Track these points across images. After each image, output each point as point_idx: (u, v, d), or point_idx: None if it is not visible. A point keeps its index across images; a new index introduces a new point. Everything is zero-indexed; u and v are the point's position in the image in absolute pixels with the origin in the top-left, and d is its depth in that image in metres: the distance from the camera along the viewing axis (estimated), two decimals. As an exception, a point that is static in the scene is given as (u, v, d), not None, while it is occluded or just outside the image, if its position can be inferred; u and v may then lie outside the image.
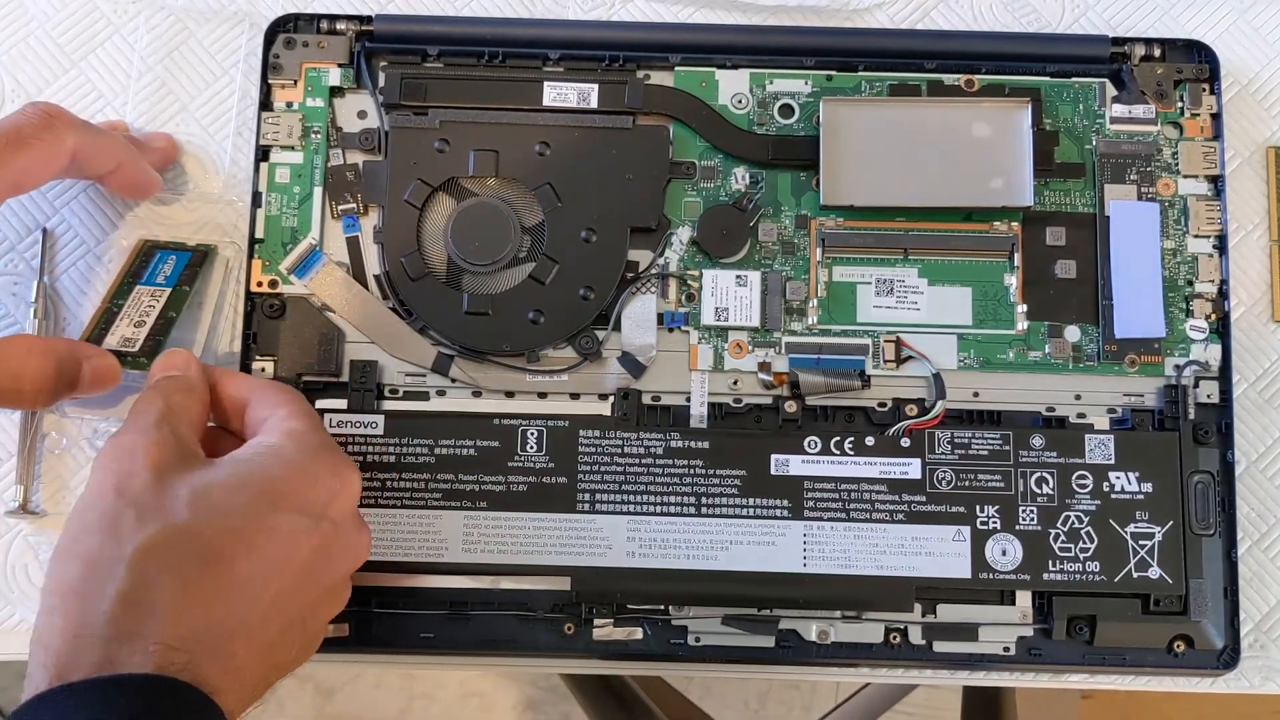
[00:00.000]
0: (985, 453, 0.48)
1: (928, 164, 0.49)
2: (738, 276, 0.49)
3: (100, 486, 0.38)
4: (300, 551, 0.39)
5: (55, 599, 0.36)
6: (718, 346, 0.50)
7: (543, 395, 0.49)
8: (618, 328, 0.50)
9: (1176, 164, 0.51)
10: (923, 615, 0.48)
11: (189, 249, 0.49)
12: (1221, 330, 0.50)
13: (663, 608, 0.48)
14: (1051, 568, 0.47)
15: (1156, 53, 0.52)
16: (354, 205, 0.50)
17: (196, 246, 0.50)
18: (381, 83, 0.51)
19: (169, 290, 0.48)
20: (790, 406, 0.49)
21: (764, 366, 0.49)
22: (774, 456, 0.48)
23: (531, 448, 0.48)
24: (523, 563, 0.47)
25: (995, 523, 0.47)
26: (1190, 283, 0.50)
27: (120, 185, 0.49)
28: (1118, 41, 0.51)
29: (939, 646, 0.48)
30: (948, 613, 0.48)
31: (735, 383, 0.49)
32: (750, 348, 0.49)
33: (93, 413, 0.49)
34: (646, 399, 0.49)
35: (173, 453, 0.39)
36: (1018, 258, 0.50)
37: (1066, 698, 0.73)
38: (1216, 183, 0.51)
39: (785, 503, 0.47)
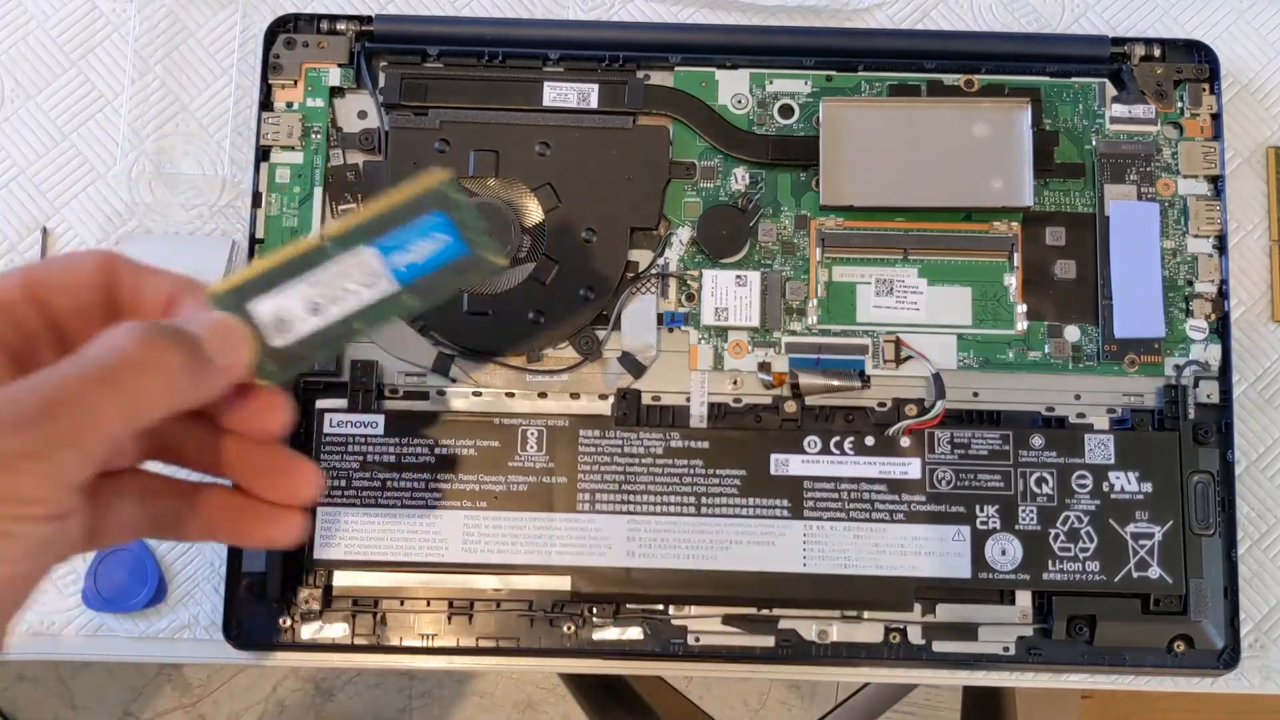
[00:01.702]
0: (985, 453, 0.48)
1: (928, 164, 0.49)
2: (738, 276, 0.49)
3: None
4: None
5: None
6: (718, 346, 0.50)
7: (543, 395, 0.49)
8: (618, 328, 0.50)
9: (1176, 164, 0.51)
10: (922, 615, 0.48)
11: (473, 241, 0.32)
12: (1221, 330, 0.50)
13: (663, 608, 0.48)
14: (1051, 568, 0.47)
15: (1156, 53, 0.52)
16: (354, 205, 0.50)
17: (487, 245, 0.32)
18: (381, 83, 0.51)
19: (395, 289, 0.32)
20: (790, 406, 0.49)
21: (764, 366, 0.49)
22: (774, 456, 0.48)
23: (531, 448, 0.48)
24: (523, 563, 0.47)
25: (995, 523, 0.47)
26: (1190, 283, 0.50)
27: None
28: (1118, 41, 0.51)
29: (939, 646, 0.48)
30: (947, 613, 0.48)
31: (735, 383, 0.49)
32: (750, 348, 0.49)
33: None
34: (646, 399, 0.49)
35: None
36: (1017, 258, 0.50)
37: (1066, 698, 0.73)
38: (1216, 183, 0.51)
39: (785, 503, 0.47)
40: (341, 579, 0.48)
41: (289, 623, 0.48)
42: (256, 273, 0.31)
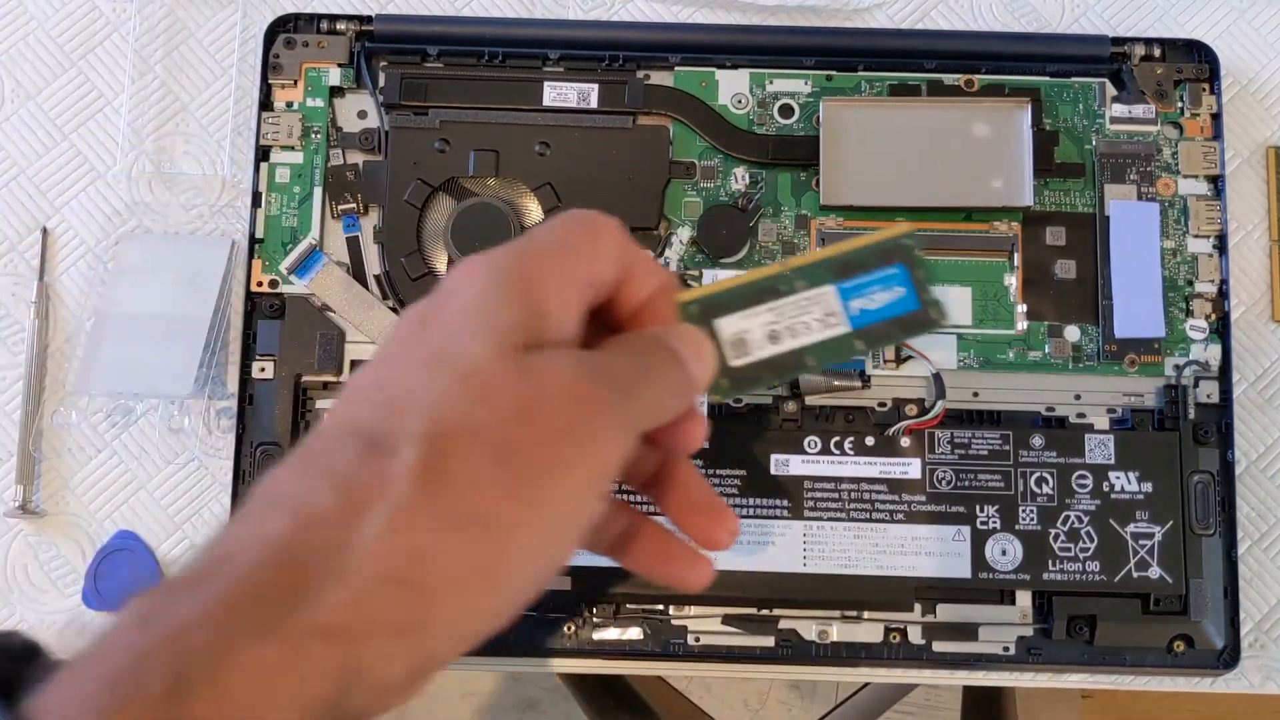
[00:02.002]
0: (985, 453, 0.48)
1: (928, 164, 0.49)
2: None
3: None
4: None
5: None
6: (718, 346, 0.49)
7: (543, 395, 0.49)
8: (618, 328, 0.50)
9: (1176, 164, 0.51)
10: (923, 615, 0.48)
11: (926, 300, 0.32)
12: (1221, 330, 0.50)
13: (662, 608, 0.48)
14: (1051, 567, 0.47)
15: (1156, 53, 0.52)
16: (354, 205, 0.50)
17: (936, 307, 0.32)
18: (381, 83, 0.51)
19: (848, 331, 0.32)
20: (790, 406, 0.49)
21: (764, 366, 0.49)
22: (774, 456, 0.48)
23: (531, 448, 0.48)
24: (523, 563, 0.47)
25: (995, 523, 0.47)
26: (1190, 283, 0.50)
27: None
28: (1118, 41, 0.51)
29: (939, 646, 0.48)
30: (947, 612, 0.48)
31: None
32: (750, 348, 0.49)
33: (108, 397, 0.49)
34: (646, 399, 0.49)
35: None
36: (1018, 258, 0.50)
37: (1066, 698, 0.73)
38: (1216, 183, 0.51)
39: (785, 502, 0.47)
40: (341, 579, 0.48)
41: (289, 623, 0.48)
42: (724, 290, 0.31)
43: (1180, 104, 0.51)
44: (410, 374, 0.26)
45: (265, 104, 0.51)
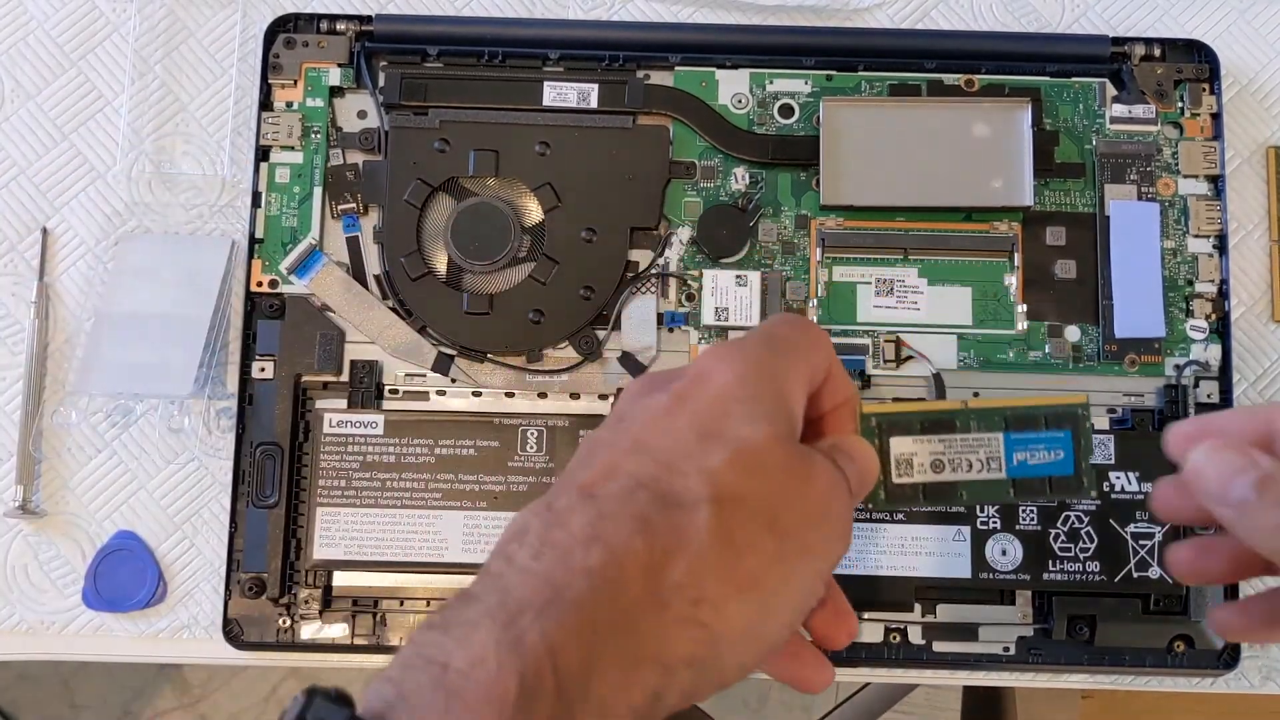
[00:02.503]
0: (985, 453, 0.48)
1: (928, 164, 0.49)
2: (738, 276, 0.49)
3: None
4: None
5: None
6: (718, 346, 0.49)
7: (543, 395, 0.49)
8: (618, 328, 0.50)
9: (1176, 164, 0.51)
10: (922, 615, 0.48)
11: (1082, 468, 0.35)
12: (1221, 330, 0.50)
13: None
14: (1051, 568, 0.47)
15: (1156, 53, 0.52)
16: (354, 205, 0.50)
17: (1089, 476, 0.35)
18: (381, 83, 0.51)
19: (1003, 479, 0.35)
20: (790, 406, 0.49)
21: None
22: (774, 456, 0.47)
23: (531, 448, 0.48)
24: (523, 563, 0.47)
25: (995, 523, 0.47)
26: (1190, 283, 0.50)
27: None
28: (1118, 41, 0.51)
29: (939, 646, 0.48)
30: (947, 613, 0.48)
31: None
32: (750, 348, 0.49)
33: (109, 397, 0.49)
34: (646, 399, 0.49)
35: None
36: (1018, 258, 0.50)
37: (1066, 698, 0.73)
38: (1216, 183, 0.51)
39: (785, 503, 0.47)
40: (341, 579, 0.48)
41: (289, 623, 0.48)
42: (905, 412, 0.35)
43: (1180, 104, 0.51)
44: (683, 442, 0.29)
45: (265, 104, 0.51)
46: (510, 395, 0.49)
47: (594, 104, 0.51)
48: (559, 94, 0.51)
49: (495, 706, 0.25)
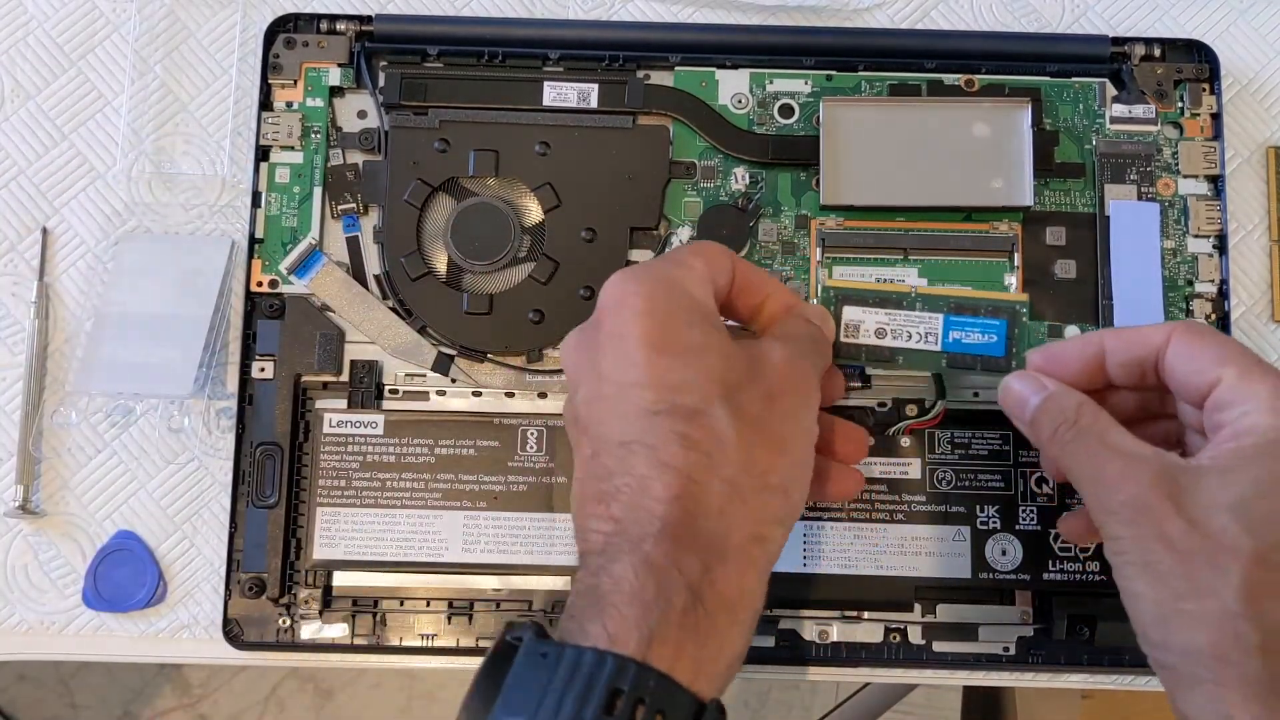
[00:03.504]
0: (985, 453, 0.48)
1: (928, 164, 0.49)
2: (738, 276, 0.49)
3: None
4: None
5: None
6: (718, 346, 0.49)
7: (543, 395, 0.49)
8: (618, 328, 0.50)
9: (1176, 164, 0.51)
10: (922, 615, 0.48)
11: (1013, 355, 0.44)
12: (1222, 330, 0.49)
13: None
14: (1051, 568, 0.47)
15: (1156, 53, 0.52)
16: (354, 205, 0.50)
17: (1020, 364, 0.43)
18: (381, 83, 0.51)
19: (936, 350, 0.44)
20: (790, 406, 0.49)
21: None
22: (774, 456, 0.47)
23: (531, 448, 0.48)
24: (523, 563, 0.47)
25: (995, 523, 0.47)
26: (1190, 283, 0.50)
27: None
28: (1118, 41, 0.51)
29: (939, 646, 0.48)
30: (947, 613, 0.48)
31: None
32: (750, 348, 0.49)
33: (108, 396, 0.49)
34: (646, 399, 0.49)
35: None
36: (1018, 258, 0.50)
37: (1066, 698, 0.73)
38: (1216, 183, 0.51)
39: (785, 503, 0.47)
40: (341, 579, 0.48)
41: (289, 623, 0.48)
42: (857, 288, 0.44)
43: (1180, 104, 0.51)
44: (652, 364, 0.36)
45: (265, 104, 0.51)
46: (510, 395, 0.49)
47: (594, 104, 0.51)
48: (559, 94, 0.51)
49: (638, 602, 0.33)
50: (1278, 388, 0.36)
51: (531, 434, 0.48)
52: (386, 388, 0.49)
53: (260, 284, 0.49)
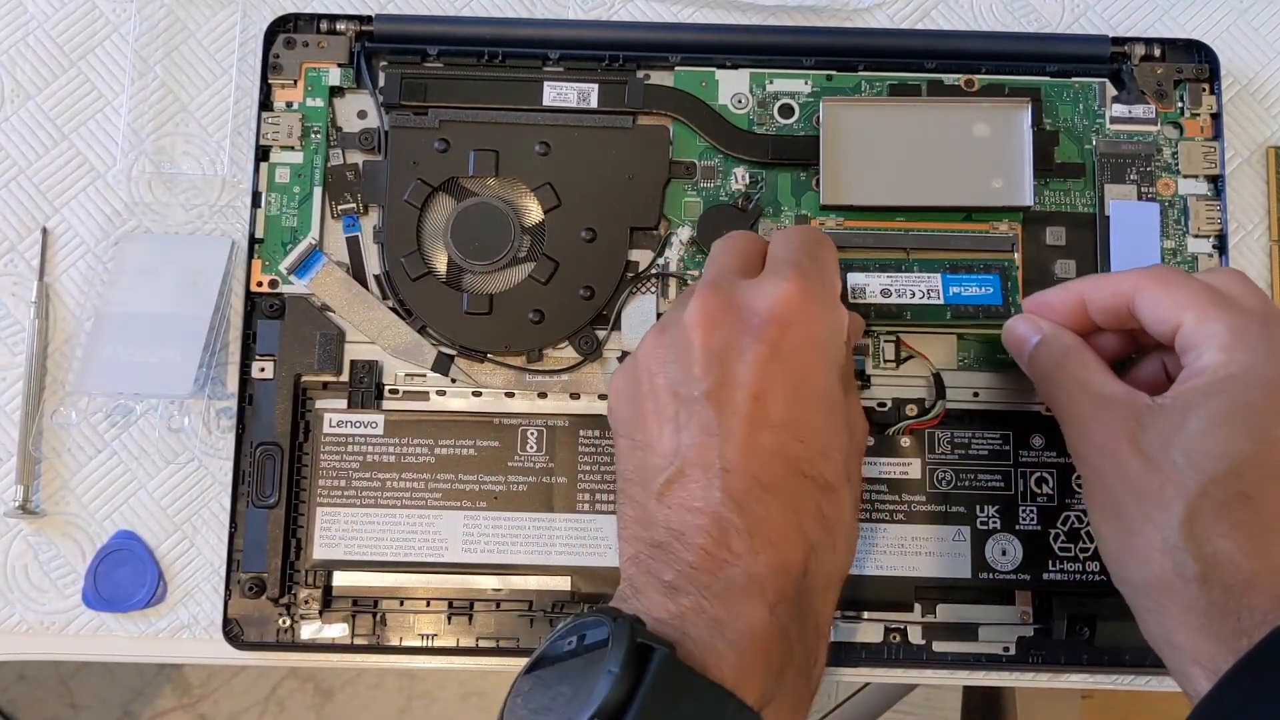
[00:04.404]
0: (985, 453, 0.48)
1: (928, 164, 0.49)
2: (738, 276, 0.49)
3: None
4: None
5: None
6: (718, 346, 0.49)
7: (543, 395, 0.49)
8: (618, 328, 0.50)
9: (1176, 164, 0.51)
10: (922, 615, 0.48)
11: (1010, 301, 0.48)
12: (1221, 330, 0.49)
13: (663, 608, 0.47)
14: (1051, 568, 0.47)
15: (1156, 53, 0.52)
16: (354, 205, 0.50)
17: (1016, 308, 0.48)
18: (381, 83, 0.51)
19: (939, 304, 0.49)
20: (790, 406, 0.49)
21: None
22: (774, 456, 0.47)
23: (531, 448, 0.48)
24: (523, 563, 0.47)
25: (995, 523, 0.47)
26: (1190, 283, 0.50)
27: None
28: (1118, 41, 0.51)
29: (939, 646, 0.48)
30: (947, 613, 0.48)
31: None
32: (750, 348, 0.49)
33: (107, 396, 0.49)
34: (646, 399, 0.49)
35: None
36: (1018, 257, 0.50)
37: (1066, 698, 0.73)
38: (1216, 183, 0.51)
39: (785, 503, 0.47)
40: (341, 579, 0.48)
41: (289, 623, 0.48)
42: (861, 258, 0.48)
43: (1180, 104, 0.51)
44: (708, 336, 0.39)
45: (265, 104, 0.51)
46: (510, 395, 0.49)
47: (594, 104, 0.51)
48: (559, 94, 0.51)
49: (763, 655, 0.35)
50: (1232, 325, 0.37)
51: (531, 434, 0.48)
52: (386, 388, 0.49)
53: (260, 284, 0.49)
